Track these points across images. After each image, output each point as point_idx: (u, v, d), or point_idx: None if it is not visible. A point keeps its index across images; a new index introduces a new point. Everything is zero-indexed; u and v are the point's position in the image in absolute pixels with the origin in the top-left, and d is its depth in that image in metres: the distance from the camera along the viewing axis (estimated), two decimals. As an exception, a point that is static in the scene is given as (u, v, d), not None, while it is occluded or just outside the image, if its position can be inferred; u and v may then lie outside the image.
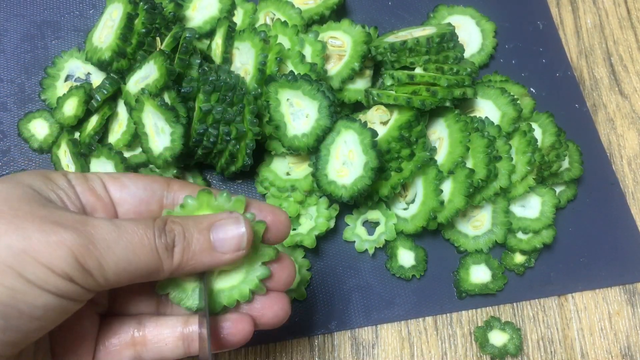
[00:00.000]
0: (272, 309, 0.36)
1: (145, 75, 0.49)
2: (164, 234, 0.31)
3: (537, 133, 0.54)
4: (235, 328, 0.35)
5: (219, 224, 0.33)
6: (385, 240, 0.52)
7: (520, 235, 0.53)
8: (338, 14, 0.59)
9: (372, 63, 0.56)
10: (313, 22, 0.57)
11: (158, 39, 0.51)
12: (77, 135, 0.53)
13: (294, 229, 0.52)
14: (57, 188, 0.32)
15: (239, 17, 0.58)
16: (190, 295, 0.35)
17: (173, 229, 0.32)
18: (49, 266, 0.27)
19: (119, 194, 0.35)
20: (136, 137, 0.50)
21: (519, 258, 0.53)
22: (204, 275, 0.34)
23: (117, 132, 0.52)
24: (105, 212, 0.34)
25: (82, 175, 0.34)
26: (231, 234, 0.33)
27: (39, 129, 0.53)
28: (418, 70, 0.51)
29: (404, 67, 0.52)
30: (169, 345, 0.35)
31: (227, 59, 0.52)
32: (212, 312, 0.35)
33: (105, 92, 0.51)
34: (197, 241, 0.32)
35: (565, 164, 0.55)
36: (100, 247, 0.29)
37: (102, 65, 0.52)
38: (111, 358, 0.35)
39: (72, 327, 0.33)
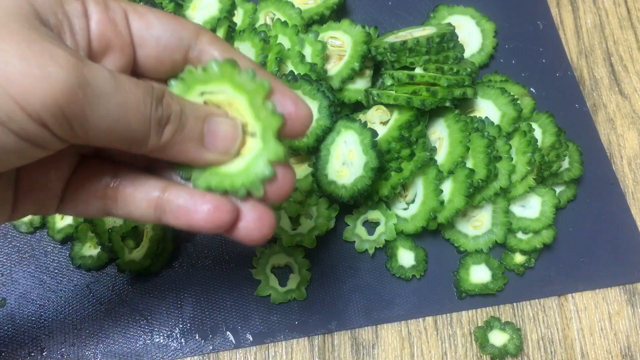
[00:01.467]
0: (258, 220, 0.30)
1: (145, 75, 0.49)
2: (161, 106, 0.27)
3: (537, 133, 0.54)
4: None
5: (215, 120, 0.30)
6: (385, 240, 0.52)
7: (520, 235, 0.53)
8: (338, 14, 0.59)
9: (372, 63, 0.56)
10: (313, 22, 0.57)
11: (158, 39, 0.51)
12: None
13: (294, 229, 0.52)
14: (64, 15, 0.27)
15: (239, 17, 0.58)
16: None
17: (170, 105, 0.28)
18: (21, 103, 0.22)
19: (142, 33, 0.29)
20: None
21: (519, 258, 0.53)
22: None
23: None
24: (122, 52, 0.29)
25: (103, 2, 0.28)
26: (224, 134, 0.30)
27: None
28: (418, 70, 0.51)
29: (404, 67, 0.52)
30: (139, 209, 0.31)
31: (227, 59, 0.52)
32: None
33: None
34: (190, 127, 0.29)
35: (565, 164, 0.55)
36: (91, 95, 0.24)
37: (102, 65, 0.52)
38: (78, 204, 0.31)
39: (44, 161, 0.27)
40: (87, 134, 0.25)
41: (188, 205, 0.30)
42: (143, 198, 0.31)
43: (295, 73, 0.49)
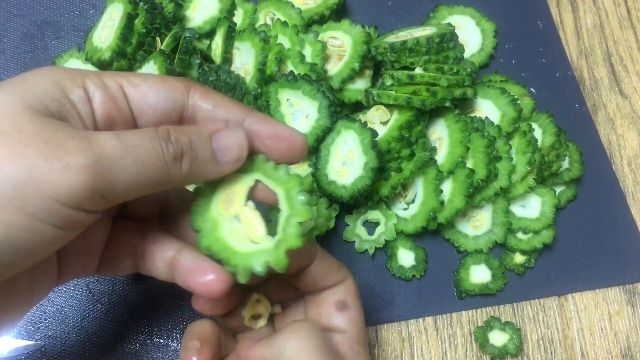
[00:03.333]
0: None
1: (145, 75, 0.49)
2: (171, 143, 0.30)
3: (537, 133, 0.54)
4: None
5: (219, 135, 0.32)
6: (385, 240, 0.52)
7: (520, 235, 0.53)
8: (338, 14, 0.59)
9: (372, 63, 0.56)
10: (313, 22, 0.57)
11: (158, 39, 0.51)
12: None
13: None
14: (70, 104, 0.29)
15: (239, 17, 0.58)
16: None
17: (179, 139, 0.30)
18: (54, 197, 0.25)
19: (140, 105, 0.32)
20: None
21: (519, 258, 0.53)
22: None
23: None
24: (125, 125, 0.32)
25: (102, 84, 0.31)
26: (231, 146, 0.32)
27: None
28: (418, 70, 0.51)
29: (404, 67, 0.52)
30: (157, 268, 0.35)
31: (227, 59, 0.52)
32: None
33: (105, 92, 0.51)
34: (201, 151, 0.31)
35: (565, 164, 0.55)
36: (109, 165, 0.26)
37: (102, 65, 0.52)
38: (114, 263, 0.35)
39: (84, 231, 0.30)
40: (118, 197, 0.28)
41: (194, 269, 0.34)
42: (162, 257, 0.35)
43: (295, 73, 0.49)
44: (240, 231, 0.33)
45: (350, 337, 0.36)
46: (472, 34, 0.61)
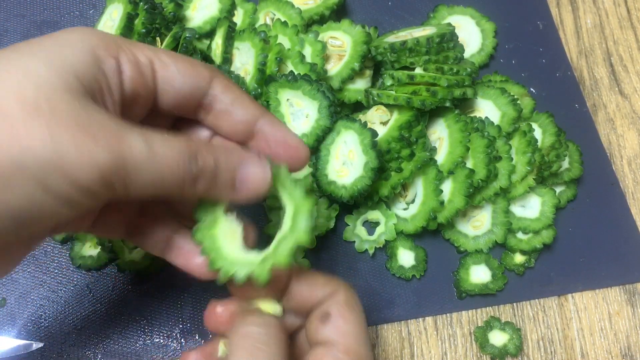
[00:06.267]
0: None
1: (145, 75, 0.49)
2: (195, 164, 0.30)
3: (537, 133, 0.54)
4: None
5: (247, 164, 0.32)
6: (385, 240, 0.52)
7: (520, 235, 0.53)
8: (338, 14, 0.59)
9: (372, 63, 0.56)
10: (313, 22, 0.57)
11: (158, 39, 0.51)
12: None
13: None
14: (102, 75, 0.30)
15: (239, 17, 0.58)
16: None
17: (206, 162, 0.31)
18: (74, 182, 0.26)
19: (165, 85, 0.33)
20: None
21: (519, 258, 0.53)
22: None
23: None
24: (145, 102, 0.33)
25: (134, 58, 0.31)
26: (254, 179, 0.32)
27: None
28: (418, 71, 0.51)
29: (404, 67, 0.52)
30: (152, 243, 0.36)
31: (227, 59, 0.52)
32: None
33: (105, 92, 0.51)
34: (223, 178, 0.32)
35: (565, 164, 0.55)
36: (130, 169, 0.28)
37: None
38: (108, 228, 0.36)
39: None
40: (127, 195, 0.28)
41: (190, 251, 0.35)
42: (159, 234, 0.35)
43: (295, 73, 0.49)
44: (236, 234, 0.33)
45: (337, 348, 0.33)
46: (472, 34, 0.61)
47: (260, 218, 0.53)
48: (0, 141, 0.25)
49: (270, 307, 0.35)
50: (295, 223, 0.32)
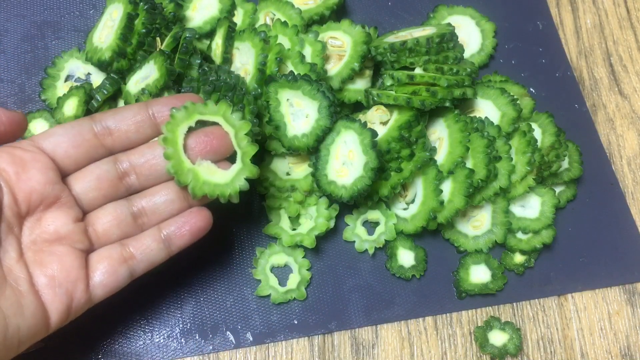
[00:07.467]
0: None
1: (146, 76, 0.49)
2: None
3: (537, 133, 0.54)
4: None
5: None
6: (385, 240, 0.52)
7: (520, 235, 0.53)
8: (338, 14, 0.59)
9: (372, 63, 0.56)
10: (313, 22, 0.57)
11: (158, 39, 0.51)
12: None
13: (294, 229, 0.52)
14: None
15: (239, 17, 0.58)
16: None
17: None
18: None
19: (79, 188, 0.41)
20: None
21: (518, 258, 0.53)
22: None
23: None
24: (68, 205, 0.40)
25: (16, 173, 0.38)
26: None
27: (39, 129, 0.54)
28: (418, 71, 0.51)
29: (404, 67, 0.52)
30: (153, 251, 0.42)
31: (227, 59, 0.52)
32: None
33: (106, 92, 0.51)
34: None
35: (565, 164, 0.55)
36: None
37: (102, 66, 0.52)
38: (108, 280, 0.40)
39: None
40: (19, 348, 0.37)
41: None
42: (151, 242, 0.42)
43: (295, 73, 0.49)
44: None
45: None
46: (472, 34, 0.61)
47: (260, 218, 0.53)
48: None
49: None
50: (240, 142, 0.43)
